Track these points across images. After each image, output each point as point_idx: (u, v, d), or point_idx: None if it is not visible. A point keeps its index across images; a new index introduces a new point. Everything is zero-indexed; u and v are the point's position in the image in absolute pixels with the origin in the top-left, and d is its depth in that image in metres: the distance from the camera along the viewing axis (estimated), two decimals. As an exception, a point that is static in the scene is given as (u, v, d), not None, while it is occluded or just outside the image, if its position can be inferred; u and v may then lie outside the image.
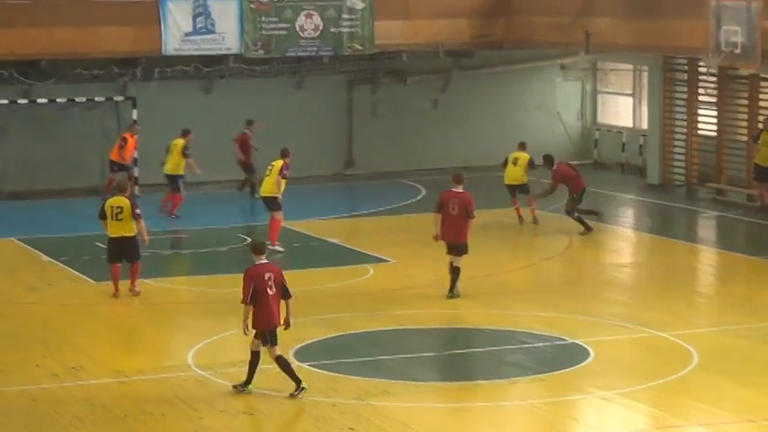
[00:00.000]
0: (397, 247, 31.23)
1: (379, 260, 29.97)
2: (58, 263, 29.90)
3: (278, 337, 19.84)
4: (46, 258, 30.40)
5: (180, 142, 35.52)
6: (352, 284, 27.65)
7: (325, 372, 21.23)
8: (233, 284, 27.29)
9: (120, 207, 26.03)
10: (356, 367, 21.52)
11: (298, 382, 19.69)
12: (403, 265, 29.48)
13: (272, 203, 31.00)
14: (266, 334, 19.82)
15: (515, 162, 33.53)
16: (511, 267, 27.91)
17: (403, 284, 27.60)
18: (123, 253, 26.48)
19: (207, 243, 32.31)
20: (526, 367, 21.80)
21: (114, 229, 26.24)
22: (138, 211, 26.37)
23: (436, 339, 23.41)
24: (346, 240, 32.18)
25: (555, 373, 21.21)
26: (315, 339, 23.10)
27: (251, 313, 19.76)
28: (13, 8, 38.26)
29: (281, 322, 19.99)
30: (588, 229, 31.96)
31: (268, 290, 19.76)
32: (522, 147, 34.13)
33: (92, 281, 28.36)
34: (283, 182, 30.58)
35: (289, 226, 32.16)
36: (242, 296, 19.77)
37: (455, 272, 25.86)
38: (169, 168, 35.62)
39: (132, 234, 26.41)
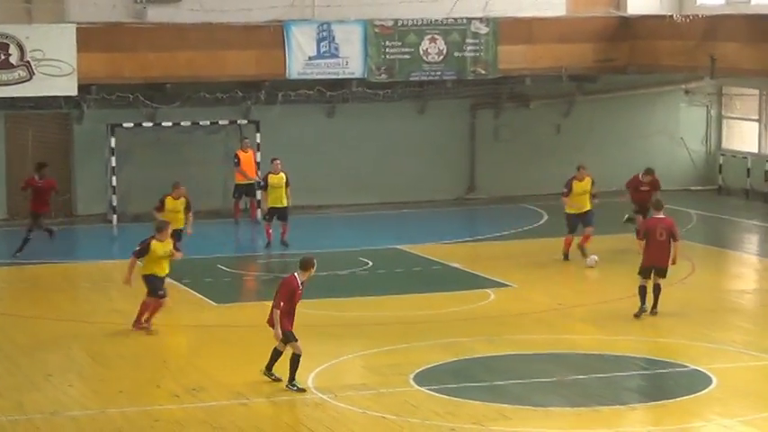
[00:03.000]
0: (518, 271, 31.13)
1: (500, 284, 29.86)
2: (179, 284, 30.10)
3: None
4: (168, 280, 30.57)
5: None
6: (472, 309, 27.58)
7: (444, 396, 21.19)
8: (354, 308, 27.57)
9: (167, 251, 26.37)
10: (475, 392, 21.43)
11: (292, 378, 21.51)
12: (523, 290, 29.36)
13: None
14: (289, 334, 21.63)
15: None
16: (631, 293, 27.61)
17: (523, 309, 27.47)
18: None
19: (327, 266, 32.35)
20: (646, 394, 21.64)
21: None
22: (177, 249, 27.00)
23: (556, 365, 23.22)
24: (467, 265, 32.09)
25: (675, 400, 20.99)
26: (434, 364, 23.05)
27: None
28: (137, 32, 38.83)
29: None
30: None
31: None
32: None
33: (213, 303, 28.57)
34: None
35: (410, 250, 32.12)
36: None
37: (657, 289, 26.27)
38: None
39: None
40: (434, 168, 41.52)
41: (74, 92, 37.84)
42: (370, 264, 32.24)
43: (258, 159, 38.84)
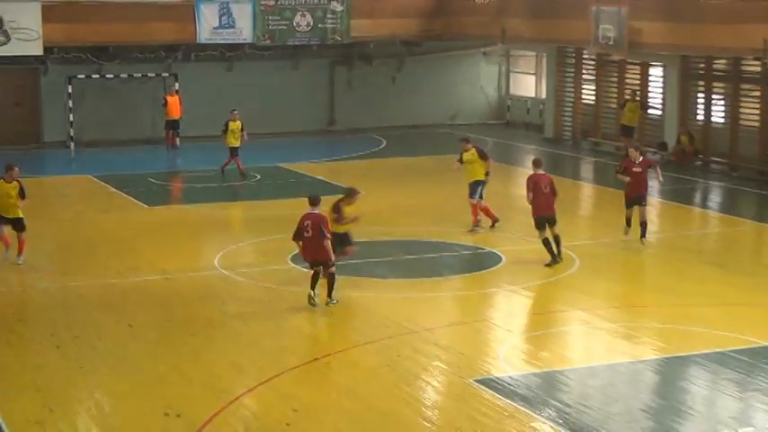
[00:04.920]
0: (365, 182, 31.05)
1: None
2: (121, 193, 29.79)
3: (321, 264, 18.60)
4: (113, 189, 30.31)
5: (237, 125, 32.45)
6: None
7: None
8: (248, 208, 27.41)
9: None
10: (335, 268, 21.50)
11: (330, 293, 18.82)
12: (370, 196, 29.19)
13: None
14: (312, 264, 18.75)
15: None
16: (457, 197, 27.71)
17: (369, 209, 27.44)
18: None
19: (228, 179, 32.16)
20: (456, 269, 21.85)
21: None
22: None
23: (393, 247, 23.37)
24: (329, 177, 32.05)
25: (478, 272, 21.25)
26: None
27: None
28: (87, 8, 38.23)
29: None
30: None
31: (305, 234, 18.42)
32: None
33: (146, 206, 28.31)
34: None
35: (287, 167, 31.97)
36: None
37: (557, 240, 21.80)
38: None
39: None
40: (305, 108, 41.43)
41: (40, 52, 37.13)
42: (258, 177, 32.14)
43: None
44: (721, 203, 29.82)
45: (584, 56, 38.87)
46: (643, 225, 23.14)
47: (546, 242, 21.63)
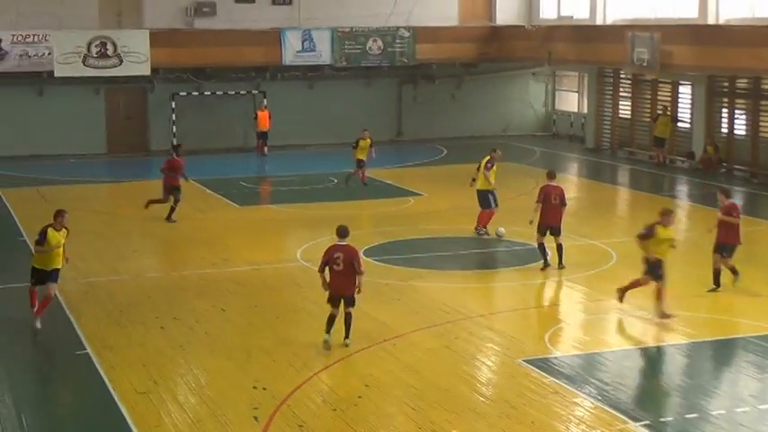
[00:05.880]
0: (428, 185, 31.11)
1: (417, 194, 29.82)
2: (216, 194, 29.95)
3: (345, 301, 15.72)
4: (209, 192, 30.47)
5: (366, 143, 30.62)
6: (398, 209, 27.53)
7: (381, 263, 21.20)
8: (325, 208, 27.44)
9: None
10: (400, 261, 21.48)
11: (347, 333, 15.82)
12: (432, 198, 29.36)
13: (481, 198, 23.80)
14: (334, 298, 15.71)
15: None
16: (507, 197, 27.61)
17: (431, 209, 27.49)
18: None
19: (308, 182, 32.17)
20: (508, 263, 21.69)
21: None
22: None
23: (453, 243, 23.27)
24: (396, 181, 32.00)
25: (530, 265, 21.06)
26: (374, 244, 23.04)
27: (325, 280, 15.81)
28: (188, 34, 38.52)
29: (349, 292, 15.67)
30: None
31: (335, 266, 15.57)
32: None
33: (237, 206, 28.43)
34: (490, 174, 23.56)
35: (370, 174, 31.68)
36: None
37: (560, 249, 20.68)
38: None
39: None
40: (376, 121, 41.18)
41: (148, 73, 37.35)
42: (335, 181, 32.16)
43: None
44: (743, 206, 29.29)
45: (621, 75, 38.48)
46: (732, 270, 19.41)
47: (541, 246, 20.57)
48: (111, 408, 13.49)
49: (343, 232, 15.74)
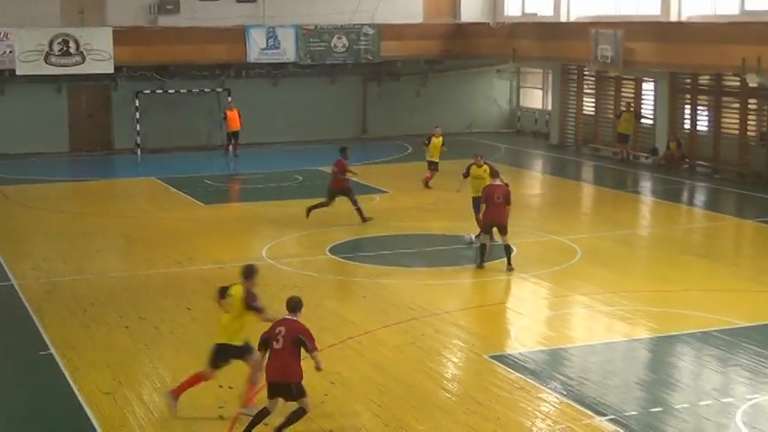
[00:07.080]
0: (393, 183, 31.13)
1: (382, 191, 29.83)
2: (180, 192, 29.81)
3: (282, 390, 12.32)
4: (173, 190, 30.34)
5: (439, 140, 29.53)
6: (365, 206, 27.45)
7: (348, 261, 21.21)
8: (290, 206, 27.39)
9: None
10: (367, 258, 21.51)
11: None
12: (396, 195, 29.37)
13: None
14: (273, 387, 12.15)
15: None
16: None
17: (395, 207, 27.50)
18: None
19: (273, 180, 32.10)
20: (472, 259, 21.73)
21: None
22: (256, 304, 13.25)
23: (419, 241, 23.30)
24: (361, 179, 31.91)
25: (490, 262, 21.11)
26: (341, 241, 23.07)
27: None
28: (151, 32, 38.38)
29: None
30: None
31: (274, 343, 12.05)
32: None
33: (202, 204, 28.32)
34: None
35: (325, 170, 31.71)
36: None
37: (508, 249, 20.44)
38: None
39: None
40: (340, 118, 41.39)
41: (111, 71, 37.21)
42: (301, 179, 32.11)
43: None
44: (705, 201, 29.64)
45: (585, 72, 38.65)
46: None
47: (483, 247, 20.45)
48: (76, 408, 13.41)
49: (293, 305, 12.31)
